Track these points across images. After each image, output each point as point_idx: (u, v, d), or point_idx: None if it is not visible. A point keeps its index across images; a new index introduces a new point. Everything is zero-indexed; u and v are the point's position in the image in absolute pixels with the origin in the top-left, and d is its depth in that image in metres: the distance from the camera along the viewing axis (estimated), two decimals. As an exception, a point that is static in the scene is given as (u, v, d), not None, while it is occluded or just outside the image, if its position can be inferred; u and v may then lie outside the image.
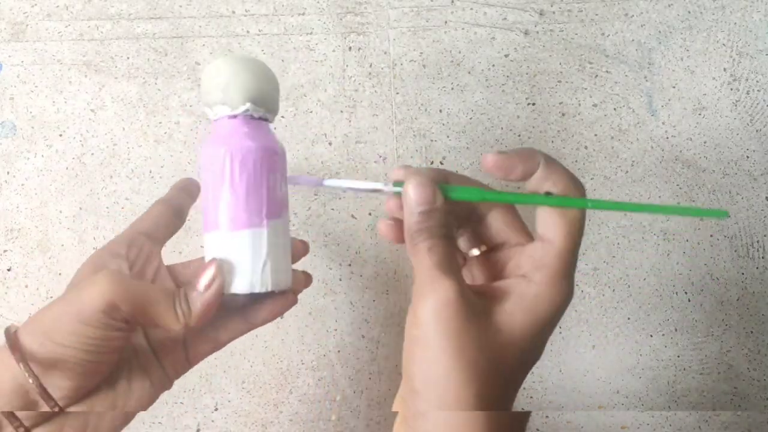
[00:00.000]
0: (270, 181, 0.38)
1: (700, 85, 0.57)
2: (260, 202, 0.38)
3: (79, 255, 0.56)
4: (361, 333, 0.57)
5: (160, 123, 0.56)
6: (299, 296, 0.57)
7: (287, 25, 0.56)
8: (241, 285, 0.37)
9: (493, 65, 0.56)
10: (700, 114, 0.57)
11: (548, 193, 0.33)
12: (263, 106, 0.38)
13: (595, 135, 0.57)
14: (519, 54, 0.57)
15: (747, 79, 0.57)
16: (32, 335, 0.36)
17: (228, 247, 0.37)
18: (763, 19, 0.57)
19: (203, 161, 0.38)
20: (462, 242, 0.38)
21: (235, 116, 0.38)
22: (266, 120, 0.39)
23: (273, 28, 0.56)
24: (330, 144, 0.56)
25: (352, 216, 0.57)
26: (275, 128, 0.56)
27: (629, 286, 0.57)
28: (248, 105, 0.37)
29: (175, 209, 0.45)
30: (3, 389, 0.35)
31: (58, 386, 0.36)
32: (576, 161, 0.57)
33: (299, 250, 0.43)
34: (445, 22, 0.56)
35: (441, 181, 0.34)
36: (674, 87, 0.57)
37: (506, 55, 0.57)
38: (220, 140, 0.37)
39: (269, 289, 0.38)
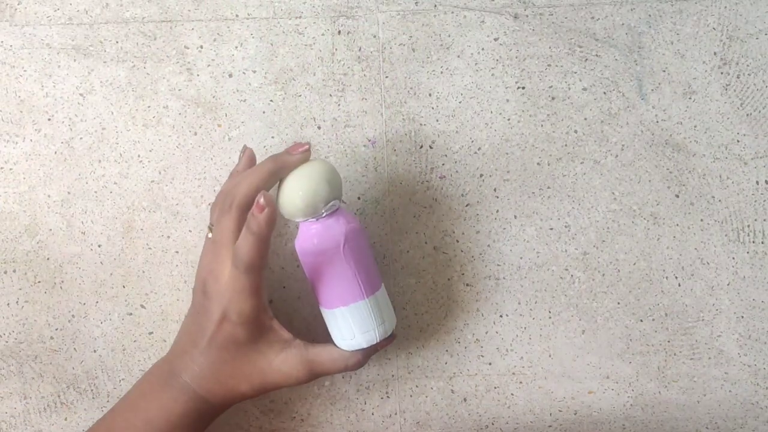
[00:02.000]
0: (371, 250, 0.50)
1: (690, 69, 0.56)
2: (376, 270, 0.49)
3: (67, 239, 0.56)
4: (350, 318, 0.57)
5: (148, 107, 0.56)
6: (287, 282, 0.57)
7: (276, 9, 0.56)
8: (377, 335, 0.49)
9: (483, 49, 0.56)
10: (690, 98, 0.56)
11: None
12: (338, 199, 0.48)
13: (585, 119, 0.57)
14: (508, 38, 0.56)
15: (737, 63, 0.56)
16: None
17: (356, 316, 0.48)
18: (754, 3, 0.56)
19: (312, 255, 0.47)
20: None
21: (324, 217, 0.47)
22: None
23: (262, 12, 0.56)
24: (319, 128, 0.56)
25: (342, 201, 0.56)
26: (264, 113, 0.56)
27: (619, 271, 0.57)
28: (333, 203, 0.47)
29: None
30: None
31: None
32: (566, 145, 0.56)
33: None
34: (435, 5, 0.56)
35: None
36: (664, 71, 0.56)
37: (496, 39, 0.56)
38: (328, 235, 0.47)
39: (392, 332, 0.51)
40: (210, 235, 0.48)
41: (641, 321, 0.57)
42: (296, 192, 0.45)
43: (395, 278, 0.57)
